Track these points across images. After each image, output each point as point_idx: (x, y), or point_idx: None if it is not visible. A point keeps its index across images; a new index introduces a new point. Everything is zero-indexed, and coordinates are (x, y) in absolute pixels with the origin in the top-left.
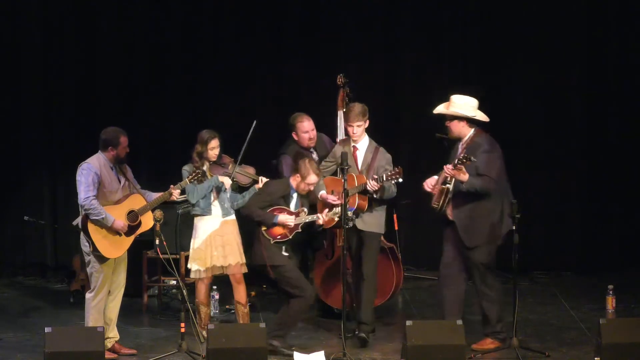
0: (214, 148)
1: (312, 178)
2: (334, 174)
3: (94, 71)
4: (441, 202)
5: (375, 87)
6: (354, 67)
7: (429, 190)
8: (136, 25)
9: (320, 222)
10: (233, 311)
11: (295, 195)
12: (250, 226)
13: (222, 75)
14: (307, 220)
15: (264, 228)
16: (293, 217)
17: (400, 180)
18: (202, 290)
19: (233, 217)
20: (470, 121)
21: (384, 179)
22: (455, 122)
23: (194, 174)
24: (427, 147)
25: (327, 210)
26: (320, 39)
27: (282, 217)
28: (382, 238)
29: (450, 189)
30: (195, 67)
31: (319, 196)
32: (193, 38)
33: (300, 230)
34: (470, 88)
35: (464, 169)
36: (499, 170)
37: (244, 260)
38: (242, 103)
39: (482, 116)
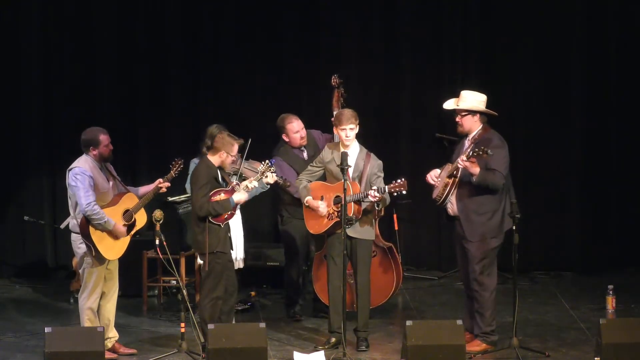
0: None
1: (236, 147)
2: (321, 178)
3: (93, 71)
4: (444, 195)
5: (374, 87)
6: (353, 67)
7: (432, 182)
8: (136, 25)
9: (268, 180)
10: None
11: (218, 172)
12: (256, 222)
13: (222, 75)
14: (255, 186)
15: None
16: (240, 190)
17: (404, 192)
18: None
19: (238, 212)
20: (482, 116)
21: (386, 191)
22: (469, 117)
23: (177, 166)
24: (427, 147)
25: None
26: (319, 40)
27: (237, 196)
28: (381, 237)
29: (456, 182)
30: (195, 67)
31: (305, 202)
32: (192, 38)
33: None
34: (469, 86)
35: (476, 162)
36: (508, 166)
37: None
38: (242, 103)
39: (491, 111)
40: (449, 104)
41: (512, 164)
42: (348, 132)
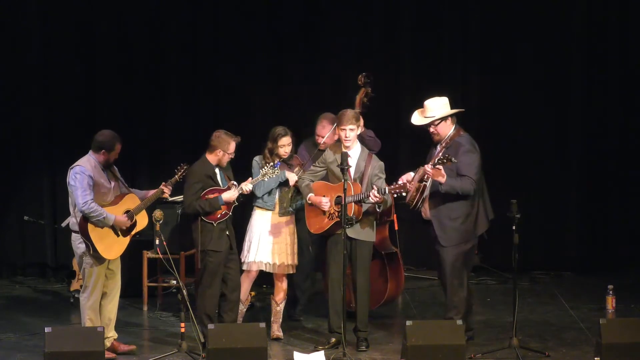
0: (284, 146)
1: (233, 145)
2: (324, 179)
3: (94, 71)
4: (416, 199)
5: (374, 87)
6: (353, 67)
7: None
8: (136, 26)
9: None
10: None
11: (217, 170)
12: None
13: (222, 77)
14: (248, 187)
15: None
16: (233, 189)
17: (404, 194)
18: (244, 285)
19: (291, 216)
20: (452, 117)
21: (386, 192)
22: (442, 123)
23: (182, 171)
24: (427, 147)
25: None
26: (319, 40)
27: (226, 195)
28: (388, 242)
29: (427, 187)
30: (195, 68)
31: (307, 199)
32: (193, 39)
33: (237, 203)
34: (469, 86)
35: (442, 171)
36: (479, 170)
37: (292, 262)
38: (242, 104)
39: (459, 109)
40: (419, 120)
41: (511, 163)
42: (348, 132)
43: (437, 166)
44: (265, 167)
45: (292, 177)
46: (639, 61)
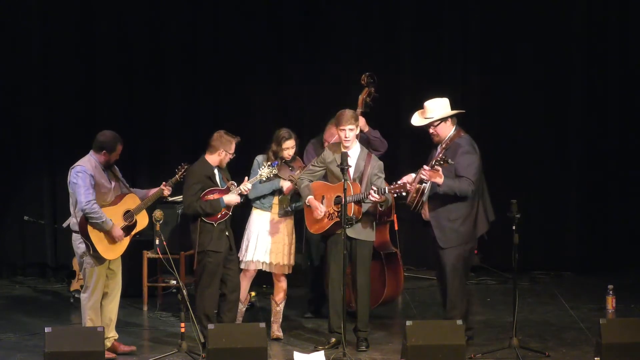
0: (287, 148)
1: (234, 146)
2: (323, 178)
3: (94, 71)
4: (416, 201)
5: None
6: (353, 67)
7: (407, 187)
8: (136, 26)
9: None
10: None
11: (216, 171)
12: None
13: (222, 77)
14: (247, 187)
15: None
16: (233, 190)
17: (404, 194)
18: (242, 285)
19: (290, 217)
20: (452, 118)
21: (386, 192)
22: (442, 124)
23: (182, 170)
24: (427, 147)
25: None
26: (319, 40)
27: (228, 198)
28: (389, 244)
29: (427, 189)
30: (195, 68)
31: (306, 201)
32: (193, 39)
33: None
34: (469, 86)
35: (440, 172)
36: (478, 172)
37: (289, 262)
38: (242, 104)
39: (459, 110)
40: (418, 121)
41: (511, 163)
42: (347, 132)
43: (435, 167)
44: (263, 167)
45: (286, 185)
46: (639, 61)
